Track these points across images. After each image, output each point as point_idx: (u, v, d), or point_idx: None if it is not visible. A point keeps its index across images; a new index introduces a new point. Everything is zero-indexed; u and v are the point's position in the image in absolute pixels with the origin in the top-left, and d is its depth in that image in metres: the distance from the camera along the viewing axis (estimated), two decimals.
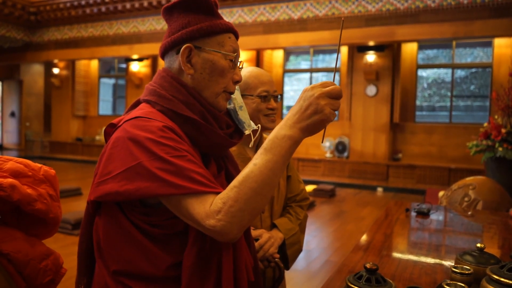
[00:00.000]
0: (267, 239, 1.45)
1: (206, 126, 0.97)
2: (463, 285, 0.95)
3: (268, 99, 1.50)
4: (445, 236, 2.03)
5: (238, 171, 1.10)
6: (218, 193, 0.87)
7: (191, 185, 0.85)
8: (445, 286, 0.94)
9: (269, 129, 1.50)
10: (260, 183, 0.83)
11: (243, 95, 1.48)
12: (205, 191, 0.85)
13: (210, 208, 0.84)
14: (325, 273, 3.78)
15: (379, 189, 8.59)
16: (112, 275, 0.95)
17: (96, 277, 1.00)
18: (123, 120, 0.96)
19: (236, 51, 1.02)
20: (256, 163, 0.85)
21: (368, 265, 0.99)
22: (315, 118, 0.84)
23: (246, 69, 1.53)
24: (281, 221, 1.56)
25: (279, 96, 1.57)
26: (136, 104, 1.09)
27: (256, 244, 1.41)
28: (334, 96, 0.85)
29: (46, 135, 14.64)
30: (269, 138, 0.86)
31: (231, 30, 1.02)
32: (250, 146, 1.35)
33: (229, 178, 1.04)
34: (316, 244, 4.73)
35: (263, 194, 0.84)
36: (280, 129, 0.86)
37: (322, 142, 0.99)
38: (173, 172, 0.85)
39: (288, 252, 1.52)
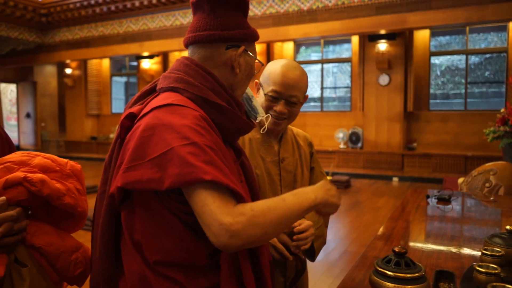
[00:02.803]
0: (308, 227, 1.39)
1: (233, 112, 0.99)
2: (495, 266, 0.94)
3: (277, 101, 1.39)
4: (469, 221, 2.01)
5: (248, 160, 1.14)
6: (240, 193, 0.86)
7: (221, 176, 0.84)
8: (478, 268, 0.93)
9: (273, 131, 1.46)
10: (285, 215, 0.89)
11: (260, 83, 1.47)
12: (230, 185, 0.84)
13: (234, 207, 0.84)
14: (343, 263, 3.78)
15: (395, 179, 8.53)
16: (151, 266, 0.93)
17: (128, 271, 0.97)
18: (150, 108, 0.94)
19: (258, 59, 1.11)
20: (285, 199, 0.92)
21: (397, 249, 0.99)
22: (332, 200, 1.01)
23: (280, 61, 1.43)
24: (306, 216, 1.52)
25: (297, 102, 1.42)
26: (148, 93, 1.08)
27: (296, 229, 1.37)
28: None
29: (61, 134, 14.85)
30: (297, 190, 0.98)
31: (258, 38, 1.11)
32: (261, 132, 1.41)
33: (243, 166, 1.10)
34: (333, 234, 4.73)
35: (281, 225, 0.89)
36: (308, 189, 0.98)
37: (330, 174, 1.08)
38: (205, 160, 0.84)
39: (315, 244, 1.50)
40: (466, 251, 1.49)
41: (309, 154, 1.60)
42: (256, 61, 1.09)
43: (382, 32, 8.74)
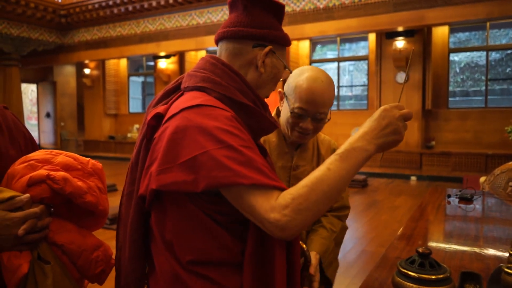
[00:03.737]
0: (316, 265, 1.37)
1: (259, 112, 0.98)
2: None
3: (303, 118, 1.34)
4: (492, 221, 1.96)
5: (271, 160, 1.13)
6: (281, 188, 0.85)
7: (260, 177, 0.83)
8: (506, 270, 0.90)
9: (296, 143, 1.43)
10: (332, 188, 0.85)
11: (284, 93, 1.41)
12: (271, 184, 0.84)
13: (276, 201, 0.83)
14: (361, 263, 3.74)
15: (413, 178, 8.40)
16: (185, 265, 0.93)
17: (160, 270, 0.97)
18: (179, 108, 0.93)
19: (287, 65, 1.09)
20: (330, 168, 0.86)
21: (420, 249, 0.96)
22: (392, 138, 0.90)
23: (305, 72, 1.34)
24: (315, 244, 1.45)
25: (324, 118, 1.36)
26: (172, 91, 1.08)
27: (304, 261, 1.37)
28: (408, 119, 0.92)
29: (80, 134, 15.11)
30: (344, 147, 0.89)
31: (289, 45, 1.10)
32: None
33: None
34: (351, 234, 4.68)
35: (330, 198, 0.86)
36: (357, 141, 0.89)
37: (380, 161, 1.02)
38: (242, 162, 0.84)
39: (327, 273, 1.46)
40: (491, 252, 1.46)
41: None
42: (285, 68, 1.07)
43: (400, 29, 8.62)
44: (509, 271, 0.92)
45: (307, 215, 0.83)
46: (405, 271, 0.95)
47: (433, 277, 0.93)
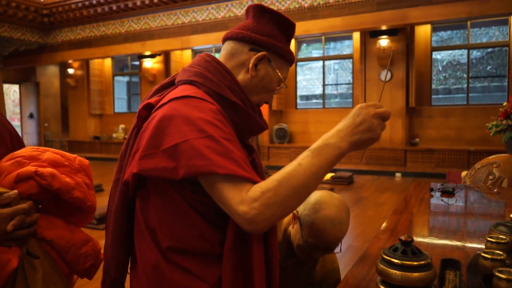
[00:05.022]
0: None
1: (247, 111, 1.01)
2: (500, 252, 0.96)
3: (317, 250, 1.35)
4: (473, 214, 2.02)
5: (259, 159, 1.14)
6: (255, 182, 0.86)
7: (235, 168, 0.85)
8: (483, 254, 0.94)
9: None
10: (301, 184, 0.84)
11: (299, 218, 1.39)
12: (245, 176, 0.85)
13: (246, 194, 0.84)
14: (348, 258, 3.80)
15: (398, 175, 8.53)
16: (165, 253, 0.96)
17: (142, 259, 1.00)
18: (168, 99, 0.96)
19: (285, 80, 1.10)
20: (301, 163, 0.86)
21: (403, 237, 1.00)
22: (366, 135, 0.89)
23: (326, 210, 1.31)
24: None
25: (335, 251, 1.38)
26: (166, 85, 1.11)
27: None
28: (385, 118, 0.91)
29: (65, 134, 14.91)
30: (317, 143, 0.89)
31: (292, 64, 1.12)
32: None
33: (254, 165, 1.08)
34: None
35: (301, 194, 0.85)
36: (331, 138, 0.89)
37: (360, 161, 1.02)
38: (220, 152, 0.86)
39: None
40: (471, 243, 1.50)
41: None
42: (281, 82, 1.09)
43: (384, 28, 8.74)
44: (486, 255, 0.96)
45: (276, 210, 0.83)
46: (389, 258, 0.99)
47: (415, 263, 0.96)
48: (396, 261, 0.98)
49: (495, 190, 2.42)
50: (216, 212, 0.95)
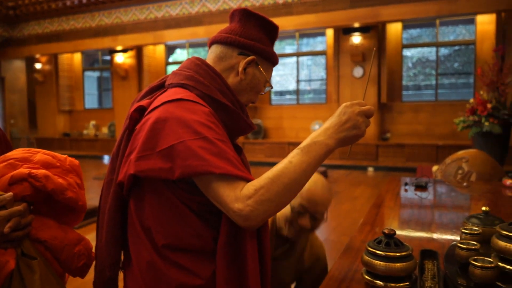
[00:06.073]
0: None
1: (237, 113, 1.05)
2: (475, 243, 1.04)
3: (302, 215, 1.46)
4: (445, 206, 2.13)
5: (246, 158, 1.18)
6: (249, 180, 0.91)
7: (230, 167, 0.89)
8: (459, 245, 1.02)
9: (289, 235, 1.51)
10: (292, 180, 0.90)
11: None
12: (239, 175, 0.90)
13: (240, 192, 0.88)
14: (327, 251, 3.89)
15: (370, 169, 8.76)
16: (160, 250, 0.99)
17: (137, 258, 1.02)
18: (161, 102, 0.99)
19: (269, 81, 1.15)
20: (292, 161, 0.91)
21: (386, 230, 1.07)
22: (352, 132, 0.95)
23: (316, 176, 1.47)
24: None
25: (321, 217, 1.49)
26: (156, 88, 1.13)
27: None
28: (369, 116, 0.97)
29: (32, 131, 14.44)
30: (306, 142, 0.94)
31: (276, 65, 1.17)
32: None
33: (243, 163, 1.12)
34: None
35: (292, 190, 0.91)
36: (319, 136, 0.94)
37: (348, 156, 1.09)
38: (215, 153, 0.90)
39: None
40: (445, 234, 1.60)
41: None
42: (267, 83, 1.14)
43: (356, 25, 8.91)
44: (462, 246, 1.04)
45: (269, 205, 0.88)
46: (373, 250, 1.05)
47: (397, 254, 1.03)
48: (380, 252, 1.05)
49: (464, 184, 2.56)
50: (210, 210, 1.00)
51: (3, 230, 0.98)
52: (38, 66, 13.14)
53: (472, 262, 0.95)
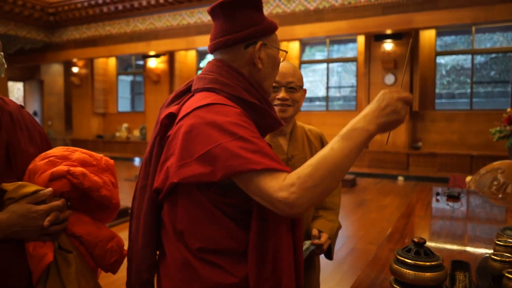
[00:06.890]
0: (325, 242, 1.52)
1: (264, 109, 1.06)
2: (509, 255, 1.01)
3: (279, 90, 1.51)
4: (478, 218, 2.07)
5: (278, 156, 1.19)
6: (289, 172, 0.92)
7: (270, 162, 0.91)
8: (493, 256, 1.00)
9: (282, 119, 1.52)
10: (335, 166, 0.89)
11: None
12: (280, 168, 0.91)
13: (283, 182, 0.89)
14: (351, 260, 3.85)
15: (400, 178, 8.57)
16: (195, 252, 1.00)
17: (172, 258, 1.04)
18: (191, 108, 1.01)
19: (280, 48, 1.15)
20: (333, 147, 0.91)
21: (416, 239, 1.05)
22: (392, 117, 0.93)
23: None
24: (322, 225, 1.58)
25: (296, 87, 1.52)
26: (183, 93, 1.15)
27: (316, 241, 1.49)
28: (408, 102, 0.96)
29: (68, 133, 14.96)
30: (346, 128, 0.93)
31: (277, 28, 1.15)
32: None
33: None
34: (341, 232, 4.77)
35: (336, 176, 0.90)
36: (358, 122, 0.93)
37: (386, 143, 1.07)
38: (253, 150, 0.91)
39: (332, 245, 1.59)
40: (478, 246, 1.55)
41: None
42: (280, 49, 1.13)
43: (388, 32, 8.78)
44: (495, 257, 1.01)
45: (313, 191, 0.88)
46: (402, 258, 1.04)
47: (427, 264, 1.01)
48: (409, 261, 1.03)
49: (499, 196, 2.47)
50: (241, 212, 1.01)
51: (43, 223, 1.03)
52: (75, 70, 13.63)
53: (506, 274, 0.92)
